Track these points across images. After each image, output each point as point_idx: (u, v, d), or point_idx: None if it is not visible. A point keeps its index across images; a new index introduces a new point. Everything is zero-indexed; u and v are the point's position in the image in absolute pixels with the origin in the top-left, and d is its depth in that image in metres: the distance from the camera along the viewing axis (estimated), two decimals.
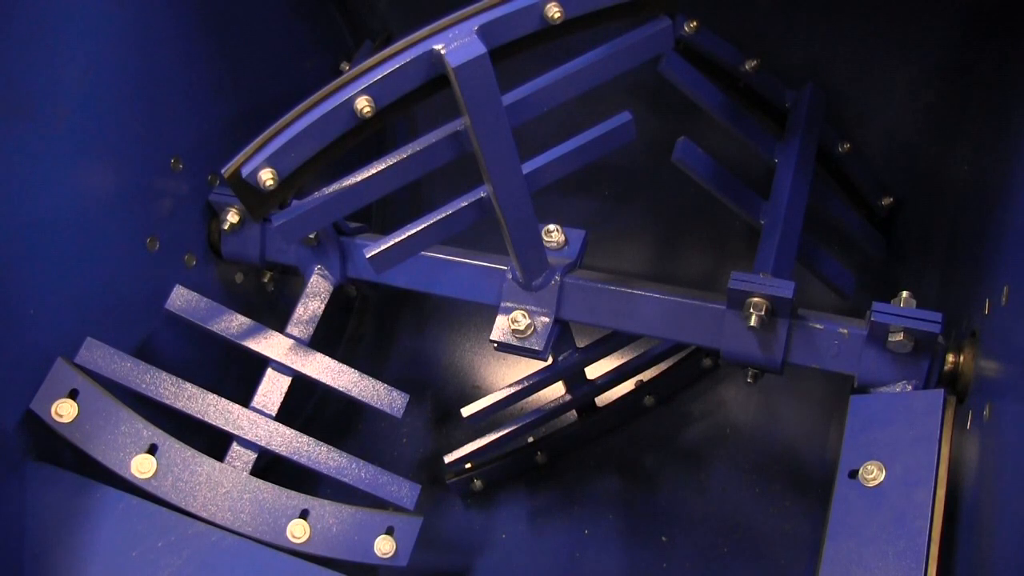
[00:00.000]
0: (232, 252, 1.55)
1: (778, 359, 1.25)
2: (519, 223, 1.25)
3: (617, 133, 1.27)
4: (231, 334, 1.41)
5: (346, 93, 1.11)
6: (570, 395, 1.62)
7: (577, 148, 1.27)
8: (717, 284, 1.71)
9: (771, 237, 1.42)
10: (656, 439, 1.76)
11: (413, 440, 1.82)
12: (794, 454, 1.69)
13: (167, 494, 1.24)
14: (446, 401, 1.87)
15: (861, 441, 1.10)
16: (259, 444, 1.34)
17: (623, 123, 1.26)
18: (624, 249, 1.84)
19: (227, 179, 1.12)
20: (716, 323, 1.27)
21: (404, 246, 1.24)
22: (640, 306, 1.31)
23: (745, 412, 1.74)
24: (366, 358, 1.91)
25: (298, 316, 1.47)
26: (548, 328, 1.33)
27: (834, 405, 1.69)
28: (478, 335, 1.91)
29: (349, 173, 1.19)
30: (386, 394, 1.40)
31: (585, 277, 1.35)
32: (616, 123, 1.26)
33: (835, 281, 1.57)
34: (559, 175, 1.27)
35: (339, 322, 1.92)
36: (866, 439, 1.10)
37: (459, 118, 1.17)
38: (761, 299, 1.22)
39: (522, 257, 1.30)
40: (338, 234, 1.49)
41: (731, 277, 1.23)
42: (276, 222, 1.20)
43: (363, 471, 1.34)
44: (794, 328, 1.24)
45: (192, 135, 1.49)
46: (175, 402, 1.34)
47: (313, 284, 1.49)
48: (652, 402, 1.75)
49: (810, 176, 1.52)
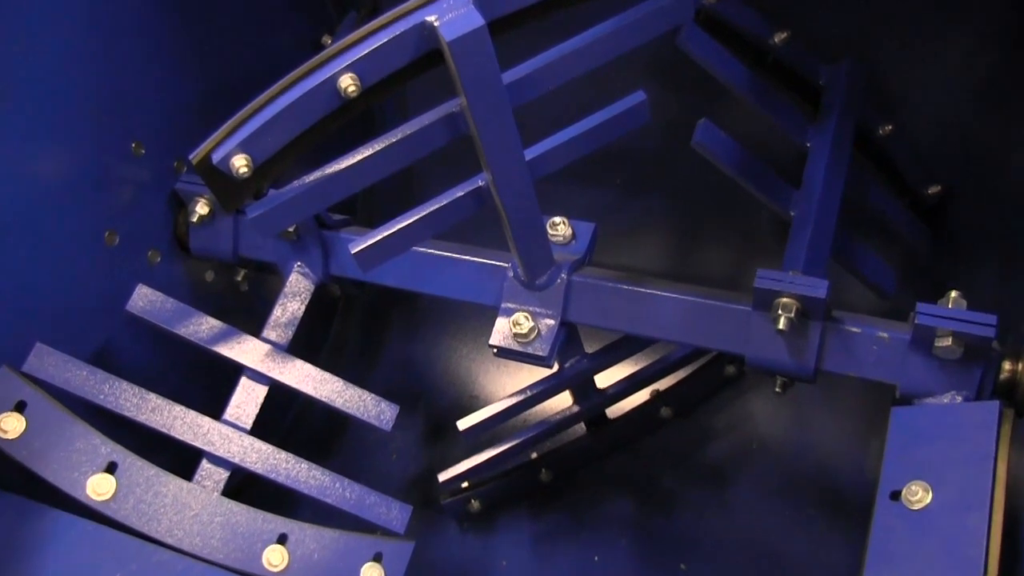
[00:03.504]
0: (201, 247, 1.54)
1: (810, 366, 1.25)
2: (521, 215, 1.25)
3: (630, 115, 1.26)
4: (200, 338, 1.41)
5: (328, 70, 1.11)
6: (578, 406, 1.62)
7: (586, 132, 1.26)
8: (742, 283, 1.64)
9: (802, 230, 1.42)
10: (674, 455, 1.76)
11: (404, 456, 1.83)
12: (829, 473, 1.69)
13: (128, 518, 1.24)
14: (440, 413, 1.87)
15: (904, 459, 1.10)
16: (232, 461, 1.34)
17: (637, 104, 1.26)
18: (638, 244, 1.84)
19: (195, 166, 1.12)
20: (740, 326, 1.27)
21: (393, 241, 1.24)
22: (656, 307, 1.31)
23: (773, 425, 1.74)
24: (351, 365, 1.91)
25: (275, 319, 1.47)
26: (553, 331, 1.33)
27: (874, 418, 1.67)
28: (476, 339, 1.91)
29: (332, 160, 1.19)
30: (374, 405, 1.40)
31: (595, 275, 1.35)
32: (629, 104, 1.26)
33: (875, 279, 1.57)
34: (566, 161, 1.27)
35: (321, 325, 1.92)
36: (910, 456, 1.10)
37: (454, 98, 1.17)
38: (791, 299, 1.22)
39: (524, 253, 1.30)
40: (320, 227, 1.49)
41: (757, 275, 1.23)
42: (251, 214, 1.20)
43: (348, 491, 1.34)
44: (828, 331, 1.24)
45: (155, 116, 1.48)
46: (137, 415, 1.34)
47: (292, 283, 1.49)
48: (669, 414, 1.75)
49: (847, 162, 1.51)
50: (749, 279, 1.25)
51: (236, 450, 1.35)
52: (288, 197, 1.19)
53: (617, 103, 1.26)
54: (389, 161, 1.19)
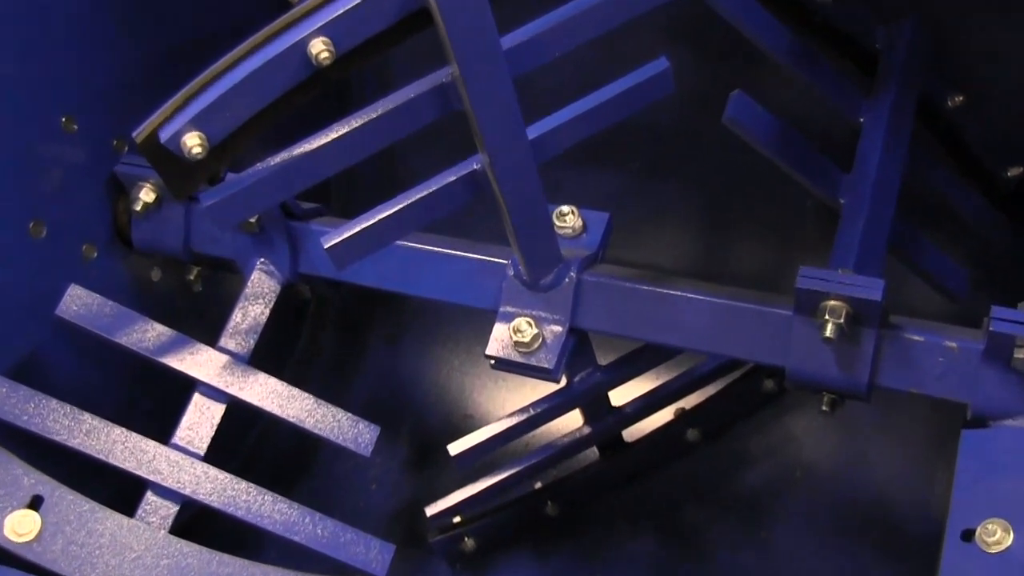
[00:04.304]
0: (146, 241, 1.54)
1: (863, 381, 1.25)
2: (523, 203, 1.25)
3: (651, 86, 1.26)
4: (145, 348, 1.41)
5: (297, 34, 1.11)
6: (590, 427, 1.62)
7: (598, 106, 1.26)
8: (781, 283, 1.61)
9: (854, 221, 1.42)
10: (703, 485, 1.75)
11: (385, 486, 1.82)
12: (886, 507, 1.69)
13: (55, 562, 1.23)
14: (429, 435, 1.87)
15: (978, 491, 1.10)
16: (182, 493, 1.34)
17: (659, 73, 1.26)
18: (659, 237, 1.83)
19: (139, 145, 1.12)
20: (780, 334, 1.27)
21: (374, 234, 1.24)
22: (681, 311, 1.31)
23: (820, 451, 1.74)
24: (324, 379, 1.91)
25: (234, 325, 1.47)
26: (561, 340, 1.33)
27: (940, 442, 1.68)
28: (470, 349, 1.91)
29: (302, 139, 1.18)
30: (350, 426, 1.40)
31: (609, 274, 1.34)
32: (650, 73, 1.26)
33: (941, 278, 1.57)
34: (575, 141, 1.27)
35: (289, 333, 1.92)
36: (985, 489, 1.10)
37: (445, 67, 1.17)
38: (840, 302, 1.22)
39: (527, 247, 1.30)
40: (287, 218, 1.49)
41: (799, 273, 1.23)
42: (206, 202, 1.20)
43: (320, 527, 1.34)
44: (884, 340, 1.24)
45: (91, 85, 1.48)
46: (69, 439, 1.33)
47: (254, 283, 1.49)
48: (697, 437, 1.75)
49: (908, 140, 1.51)
50: (790, 279, 1.24)
51: (187, 480, 1.34)
52: (249, 182, 1.18)
53: (636, 72, 1.26)
54: (368, 140, 1.19)
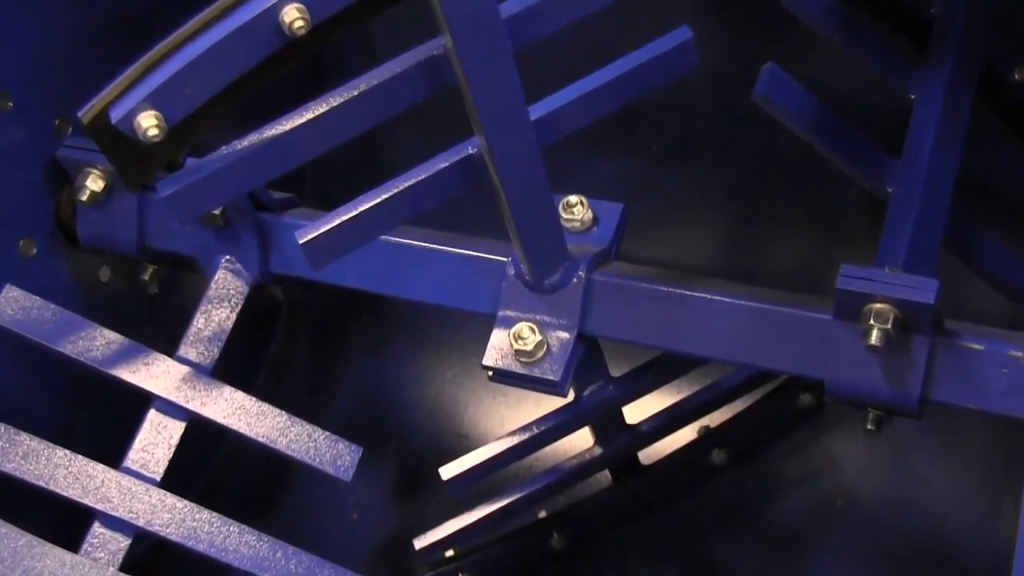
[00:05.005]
0: (94, 236, 1.54)
1: (913, 395, 1.25)
2: (525, 193, 1.25)
3: (671, 59, 1.26)
4: (92, 358, 1.40)
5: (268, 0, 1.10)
6: (601, 448, 1.62)
7: (611, 82, 1.26)
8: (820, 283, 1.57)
9: (904, 212, 1.41)
10: (730, 515, 1.75)
11: (368, 515, 1.83)
12: (942, 540, 1.69)
13: None
14: (417, 457, 1.87)
15: None
16: (135, 524, 1.33)
17: (681, 43, 1.25)
18: (680, 231, 1.83)
19: (86, 126, 1.12)
20: (819, 341, 1.27)
21: (355, 228, 1.24)
22: (704, 316, 1.31)
23: (866, 475, 1.74)
24: (299, 393, 1.91)
25: (196, 332, 1.47)
26: (568, 348, 1.33)
27: (1004, 466, 1.68)
28: (464, 359, 1.91)
29: (274, 119, 1.18)
30: (328, 447, 1.40)
31: (623, 272, 1.35)
32: (670, 44, 1.26)
33: (1005, 277, 1.58)
34: (585, 122, 1.27)
35: (258, 340, 1.93)
36: None
37: (437, 37, 1.17)
38: (887, 305, 1.22)
39: (529, 243, 1.30)
40: (256, 210, 1.49)
41: (840, 272, 1.23)
42: (163, 191, 1.20)
43: (293, 562, 1.34)
44: (939, 349, 1.24)
45: (27, 56, 1.48)
46: (3, 462, 1.34)
47: (219, 284, 1.49)
48: (724, 459, 1.75)
49: (966, 118, 1.51)
50: (830, 278, 1.24)
51: (141, 509, 1.34)
52: (213, 169, 1.19)
53: (654, 43, 1.25)
54: (349, 121, 1.19)
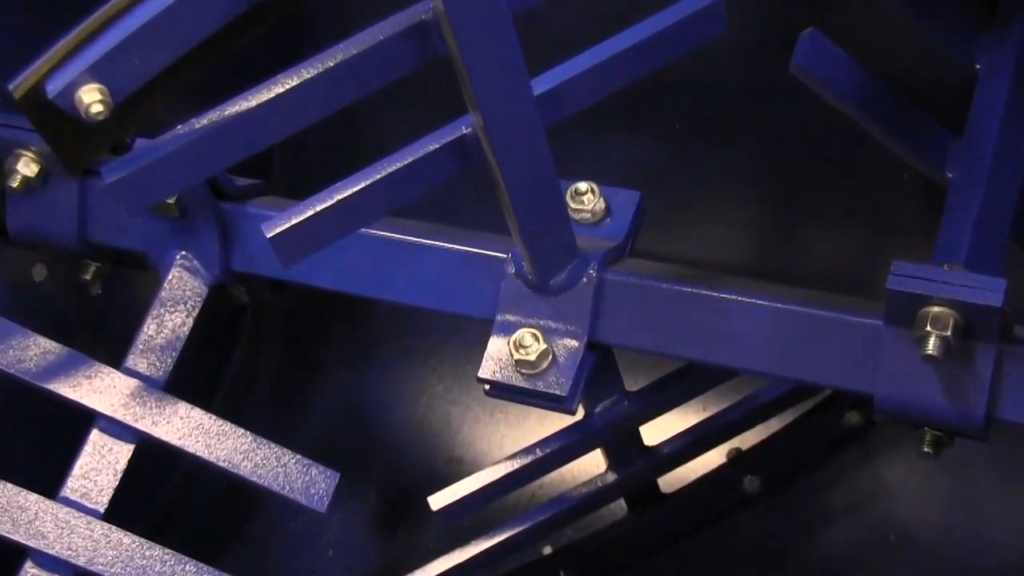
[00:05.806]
0: (27, 228, 1.52)
1: (977, 413, 1.21)
2: (527, 179, 1.23)
3: (695, 25, 1.25)
4: (25, 370, 1.39)
5: None
6: (616, 473, 1.59)
7: (626, 51, 1.24)
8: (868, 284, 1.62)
9: (966, 201, 1.39)
10: (765, 551, 1.74)
11: (345, 550, 1.80)
12: None
13: None
14: (403, 484, 1.85)
15: None
16: (74, 563, 1.32)
17: (706, 6, 1.24)
18: (705, 223, 1.82)
19: (18, 101, 1.10)
20: (866, 351, 1.24)
21: (331, 220, 1.20)
22: (733, 321, 1.29)
23: (922, 505, 1.72)
24: (266, 411, 1.90)
25: (146, 340, 1.45)
26: (577, 358, 1.30)
27: None
28: (458, 371, 1.88)
29: (237, 94, 1.16)
30: (300, 473, 1.38)
31: (639, 271, 1.33)
32: (694, 7, 1.24)
33: None
34: (596, 98, 1.25)
35: (219, 349, 1.91)
36: None
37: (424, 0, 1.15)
38: (946, 308, 1.18)
39: (531, 237, 1.28)
40: (217, 198, 1.47)
41: (891, 271, 1.20)
42: (108, 177, 1.17)
43: None
44: (1007, 359, 1.20)
45: None
46: None
47: (173, 284, 1.47)
48: (757, 487, 1.74)
49: None
50: (881, 277, 1.22)
51: (81, 545, 1.32)
52: (167, 152, 1.16)
53: (676, 6, 1.24)
54: (325, 97, 1.16)
